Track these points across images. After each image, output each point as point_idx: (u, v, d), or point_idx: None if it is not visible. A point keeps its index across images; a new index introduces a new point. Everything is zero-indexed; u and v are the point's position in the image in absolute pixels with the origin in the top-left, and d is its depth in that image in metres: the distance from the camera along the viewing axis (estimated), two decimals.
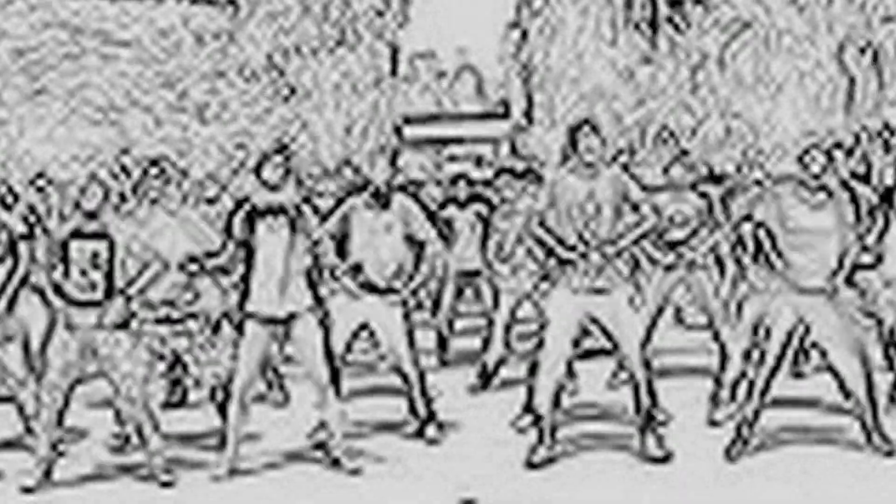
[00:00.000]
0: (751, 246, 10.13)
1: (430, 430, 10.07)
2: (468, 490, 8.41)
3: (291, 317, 8.95)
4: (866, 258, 9.60)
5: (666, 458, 8.99)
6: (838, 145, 11.55)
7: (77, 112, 21.25)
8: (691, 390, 10.84)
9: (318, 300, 9.07)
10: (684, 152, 11.59)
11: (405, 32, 22.49)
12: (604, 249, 8.90)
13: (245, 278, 9.01)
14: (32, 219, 10.33)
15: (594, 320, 9.04)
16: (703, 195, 10.92)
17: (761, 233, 9.06)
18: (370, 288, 9.84)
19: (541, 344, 9.05)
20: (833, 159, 8.95)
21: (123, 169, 13.89)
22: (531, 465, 9.01)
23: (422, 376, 10.08)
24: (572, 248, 8.92)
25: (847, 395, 9.13)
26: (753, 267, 10.11)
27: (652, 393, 9.12)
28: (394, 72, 22.46)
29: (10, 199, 10.95)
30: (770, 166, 12.53)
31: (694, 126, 20.89)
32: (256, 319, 8.90)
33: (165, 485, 8.74)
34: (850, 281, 9.11)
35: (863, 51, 19.49)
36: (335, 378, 9.14)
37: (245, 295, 8.97)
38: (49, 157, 19.29)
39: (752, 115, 20.87)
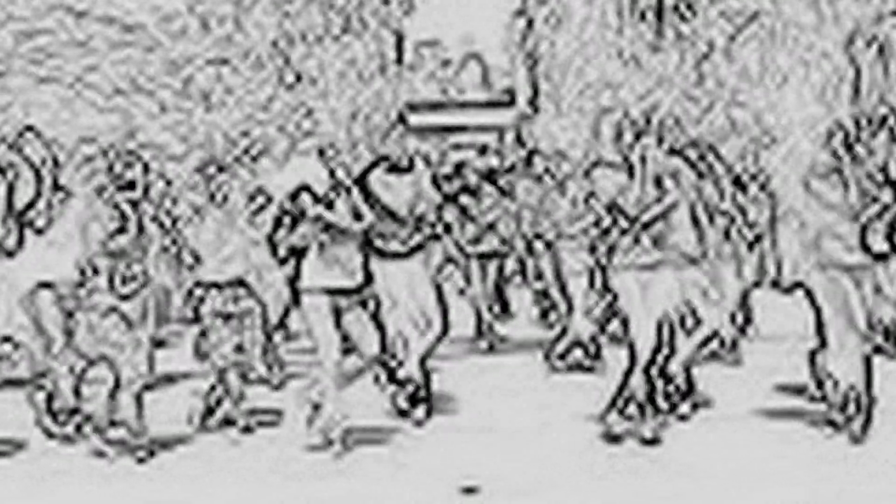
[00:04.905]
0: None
1: (419, 412, 10.19)
2: (469, 478, 8.44)
3: (353, 290, 9.11)
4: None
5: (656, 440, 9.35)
6: (846, 134, 11.79)
7: (81, 97, 21.22)
8: None
9: (369, 276, 9.30)
10: (693, 143, 11.63)
11: (410, 20, 22.44)
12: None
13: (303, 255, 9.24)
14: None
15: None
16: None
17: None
18: (413, 249, 10.11)
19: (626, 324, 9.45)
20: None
21: (131, 154, 13.85)
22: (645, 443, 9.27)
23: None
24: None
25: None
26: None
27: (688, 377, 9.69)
28: (399, 59, 22.42)
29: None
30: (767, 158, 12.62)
31: (699, 116, 20.87)
32: (319, 292, 9.04)
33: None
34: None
35: (869, 43, 19.48)
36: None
37: (297, 271, 9.18)
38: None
39: (758, 105, 20.84)
